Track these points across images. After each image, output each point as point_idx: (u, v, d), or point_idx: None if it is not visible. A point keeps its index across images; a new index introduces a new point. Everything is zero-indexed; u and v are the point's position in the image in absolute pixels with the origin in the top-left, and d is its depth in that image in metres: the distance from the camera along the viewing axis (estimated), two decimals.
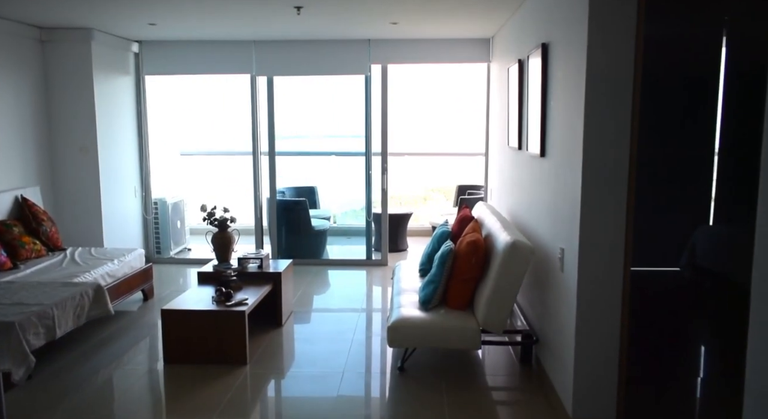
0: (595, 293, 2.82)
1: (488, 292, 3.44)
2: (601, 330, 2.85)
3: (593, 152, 2.72)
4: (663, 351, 4.00)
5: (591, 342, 2.86)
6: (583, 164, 2.73)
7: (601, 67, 2.67)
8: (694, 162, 5.73)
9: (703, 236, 5.37)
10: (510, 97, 4.67)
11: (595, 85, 2.68)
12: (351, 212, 8.71)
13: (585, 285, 2.82)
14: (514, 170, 4.59)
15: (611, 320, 2.83)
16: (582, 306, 2.84)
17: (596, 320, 2.84)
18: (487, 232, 3.98)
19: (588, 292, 2.82)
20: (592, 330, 2.85)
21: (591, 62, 2.67)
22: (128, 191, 6.27)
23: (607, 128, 2.70)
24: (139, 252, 5.15)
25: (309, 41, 6.20)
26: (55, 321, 3.62)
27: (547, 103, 3.48)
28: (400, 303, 3.83)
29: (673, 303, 5.06)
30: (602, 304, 2.83)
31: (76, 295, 3.86)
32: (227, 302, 3.89)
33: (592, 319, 2.84)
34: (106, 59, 5.79)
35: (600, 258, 2.79)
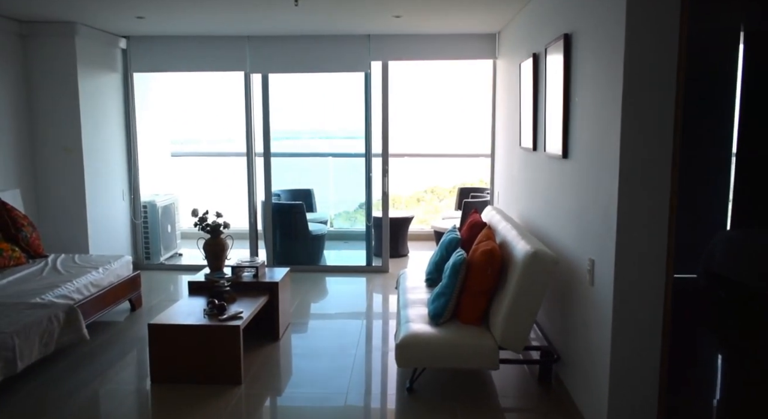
0: (633, 309, 2.53)
1: (506, 307, 3.15)
2: (639, 349, 2.56)
3: (632, 151, 2.43)
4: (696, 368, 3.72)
5: (629, 361, 2.57)
6: (620, 166, 2.44)
7: (641, 60, 2.38)
8: (712, 164, 5.46)
9: (721, 242, 5.10)
10: (522, 94, 4.39)
11: (635, 79, 2.39)
12: (344, 214, 8.40)
13: (621, 301, 2.53)
14: (528, 172, 4.30)
15: (651, 338, 2.54)
16: (618, 323, 2.54)
17: (634, 338, 2.55)
18: (501, 239, 3.69)
19: (625, 308, 2.53)
20: (629, 349, 2.56)
21: (630, 54, 2.38)
22: (116, 194, 5.94)
23: (647, 126, 2.41)
24: (125, 259, 4.82)
25: (306, 37, 5.90)
26: (16, 351, 3.12)
27: (570, 100, 3.19)
28: (408, 318, 3.52)
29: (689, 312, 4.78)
30: (641, 321, 2.54)
31: (42, 319, 3.37)
32: (220, 316, 3.57)
33: (629, 337, 2.55)
34: (91, 55, 5.46)
35: (639, 271, 2.50)
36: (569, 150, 3.21)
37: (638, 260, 2.49)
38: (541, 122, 3.83)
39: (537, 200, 4.01)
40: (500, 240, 3.70)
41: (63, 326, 3.51)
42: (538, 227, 3.94)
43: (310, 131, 8.27)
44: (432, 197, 10.35)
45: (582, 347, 2.98)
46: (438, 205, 10.14)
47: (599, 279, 2.71)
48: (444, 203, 10.17)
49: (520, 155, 4.61)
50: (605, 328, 2.62)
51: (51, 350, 3.43)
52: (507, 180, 5.29)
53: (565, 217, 3.28)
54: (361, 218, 8.44)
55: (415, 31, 5.76)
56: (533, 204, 4.14)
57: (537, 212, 4.01)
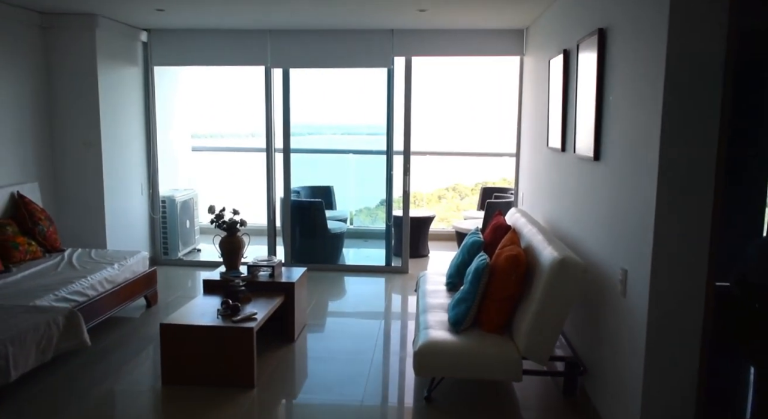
0: (669, 323, 2.36)
1: (532, 316, 2.99)
2: (676, 365, 2.39)
3: (672, 154, 2.26)
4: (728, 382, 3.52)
5: (664, 378, 2.40)
6: (659, 169, 2.27)
7: (685, 56, 2.21)
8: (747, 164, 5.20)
9: (756, 249, 4.86)
10: (551, 93, 4.21)
11: (678, 76, 2.22)
12: (365, 211, 8.27)
13: (657, 314, 2.36)
14: (555, 174, 4.12)
15: (689, 353, 2.37)
16: (653, 338, 2.38)
17: (670, 353, 2.38)
18: (526, 244, 3.53)
19: (661, 322, 2.36)
20: (665, 365, 2.39)
21: (673, 50, 2.21)
22: (134, 189, 5.89)
23: (690, 127, 2.24)
24: (142, 255, 4.76)
25: (328, 31, 5.77)
26: (10, 359, 2.94)
27: (603, 99, 3.01)
28: (428, 323, 3.38)
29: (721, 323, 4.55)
30: (678, 336, 2.37)
31: (40, 325, 3.18)
32: (234, 318, 3.47)
33: (665, 352, 2.38)
34: (111, 48, 5.41)
35: (677, 283, 2.33)
36: (601, 152, 3.03)
37: (676, 271, 2.32)
38: (571, 122, 3.65)
39: (564, 204, 3.83)
40: (525, 244, 3.54)
41: (63, 331, 3.32)
42: (565, 231, 3.77)
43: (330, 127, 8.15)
44: (453, 194, 10.17)
45: (612, 360, 2.81)
46: (459, 203, 9.96)
47: (633, 290, 2.54)
48: (466, 201, 9.99)
49: (547, 156, 4.43)
50: (638, 342, 2.45)
51: (49, 357, 3.25)
52: (532, 181, 5.11)
53: (595, 223, 3.11)
54: (383, 215, 8.31)
55: (440, 26, 5.60)
56: (560, 207, 3.96)
57: (564, 216, 3.84)
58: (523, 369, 3.05)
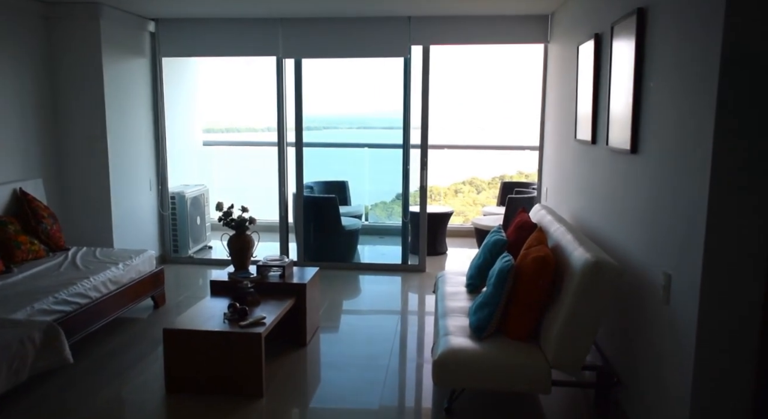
0: (722, 334, 2.10)
1: (561, 323, 2.74)
2: (729, 380, 2.13)
3: (728, 148, 1.99)
4: None
5: (715, 394, 2.14)
6: (712, 165, 2.00)
7: (744, 38, 1.93)
8: None
9: None
10: (580, 81, 3.93)
11: (735, 61, 1.95)
12: (381, 205, 8.04)
13: (708, 325, 2.10)
14: (584, 168, 3.85)
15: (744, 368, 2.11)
16: (704, 349, 2.12)
17: (723, 368, 2.12)
18: (554, 244, 3.27)
19: (713, 334, 2.10)
20: (717, 380, 2.13)
21: (730, 32, 1.93)
22: (142, 185, 5.72)
23: (749, 117, 1.97)
24: (149, 254, 4.57)
25: (341, 19, 5.53)
26: None
27: (642, 86, 2.74)
28: (448, 329, 3.15)
29: None
30: (731, 348, 2.10)
31: (12, 342, 2.83)
32: (241, 322, 3.26)
33: (717, 366, 2.12)
34: (117, 39, 5.21)
35: (732, 291, 2.07)
36: (639, 144, 2.76)
37: (732, 279, 2.06)
38: (603, 112, 3.38)
39: (595, 200, 3.56)
40: (552, 244, 3.28)
41: (40, 348, 2.96)
42: (595, 230, 3.50)
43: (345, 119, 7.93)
44: (470, 188, 9.92)
45: (652, 372, 2.55)
46: (476, 197, 9.71)
47: (678, 298, 2.28)
48: (482, 195, 9.73)
49: (574, 149, 4.15)
50: (686, 355, 2.19)
51: (24, 378, 2.90)
52: (557, 176, 4.84)
53: (632, 221, 2.85)
54: (398, 210, 8.07)
55: (459, 13, 5.33)
56: (590, 204, 3.69)
57: (594, 214, 3.57)
58: (553, 380, 2.80)
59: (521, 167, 9.64)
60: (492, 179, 9.85)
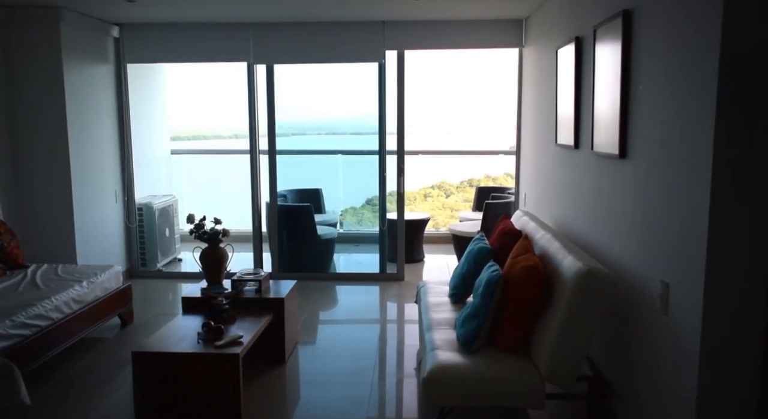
0: (727, 345, 2.02)
1: (555, 335, 2.64)
2: (735, 391, 2.05)
3: (731, 152, 1.92)
4: None
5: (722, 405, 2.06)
6: (714, 169, 1.93)
7: (745, 36, 1.87)
8: None
9: None
10: (560, 85, 3.87)
11: (736, 61, 1.88)
12: (351, 210, 7.90)
13: (712, 335, 2.02)
14: (567, 173, 3.79)
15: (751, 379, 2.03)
16: (707, 361, 2.03)
17: (728, 379, 2.04)
18: (541, 252, 3.18)
19: (717, 344, 2.02)
20: (722, 392, 2.05)
21: (730, 29, 1.86)
22: (107, 197, 5.46)
23: (752, 120, 1.90)
24: (115, 270, 4.34)
25: (314, 23, 5.39)
26: None
27: (629, 89, 2.67)
28: (435, 344, 3.02)
29: None
30: (738, 360, 2.03)
31: None
32: (217, 342, 3.08)
33: (722, 378, 2.04)
34: (79, 44, 4.97)
35: (736, 300, 1.99)
36: (628, 149, 2.69)
37: (736, 287, 1.98)
38: (586, 117, 3.31)
39: (580, 206, 3.49)
40: (539, 252, 3.19)
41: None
42: (582, 237, 3.43)
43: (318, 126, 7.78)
44: (439, 192, 9.92)
45: (650, 383, 2.47)
46: (445, 200, 9.71)
47: (677, 307, 2.20)
48: (451, 198, 9.73)
49: (555, 154, 4.09)
50: (688, 366, 2.11)
51: None
52: (537, 181, 4.78)
53: (623, 228, 2.77)
54: (369, 215, 7.95)
55: (434, 18, 5.25)
56: (574, 210, 3.62)
57: (579, 220, 3.50)
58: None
59: (488, 170, 9.67)
60: (460, 183, 9.89)
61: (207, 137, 9.73)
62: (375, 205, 7.93)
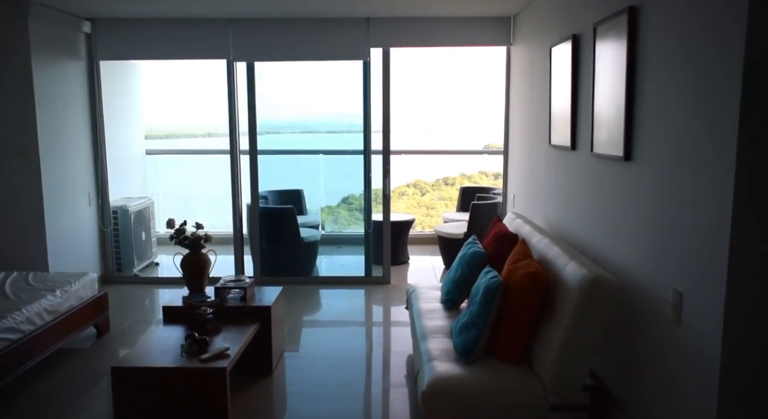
0: (750, 358, 1.93)
1: (559, 345, 2.54)
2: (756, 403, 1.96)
3: (756, 154, 1.82)
4: None
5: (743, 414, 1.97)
6: (737, 172, 1.83)
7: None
8: None
9: None
10: (554, 84, 3.77)
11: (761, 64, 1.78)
12: (326, 209, 7.74)
13: (733, 347, 1.93)
14: (563, 174, 3.69)
15: None
16: (729, 375, 1.94)
17: (751, 394, 1.95)
18: (539, 257, 3.08)
19: (740, 358, 1.93)
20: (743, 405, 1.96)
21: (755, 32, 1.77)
22: (80, 200, 5.21)
23: None
24: (89, 278, 4.12)
25: (297, 19, 5.22)
26: None
27: (635, 89, 2.58)
28: (431, 354, 2.90)
29: None
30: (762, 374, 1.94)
31: None
32: (201, 355, 2.91)
33: (743, 390, 1.95)
34: (48, 40, 4.72)
35: (759, 307, 1.90)
36: (633, 150, 2.60)
37: (760, 296, 1.89)
38: (585, 117, 3.22)
39: (578, 209, 3.40)
40: (537, 257, 3.09)
41: None
42: (580, 241, 3.33)
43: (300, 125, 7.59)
44: (414, 190, 9.86)
45: (661, 395, 2.38)
46: (421, 199, 9.66)
47: (693, 317, 2.11)
48: (426, 197, 9.68)
49: (549, 154, 4.00)
50: (705, 378, 2.02)
51: None
52: (527, 182, 4.68)
53: (629, 234, 2.68)
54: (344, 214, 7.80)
55: (419, 14, 5.12)
56: (570, 213, 3.53)
57: (577, 224, 3.40)
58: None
59: (463, 168, 9.62)
60: (435, 181, 9.81)
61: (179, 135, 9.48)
62: (351, 203, 7.79)
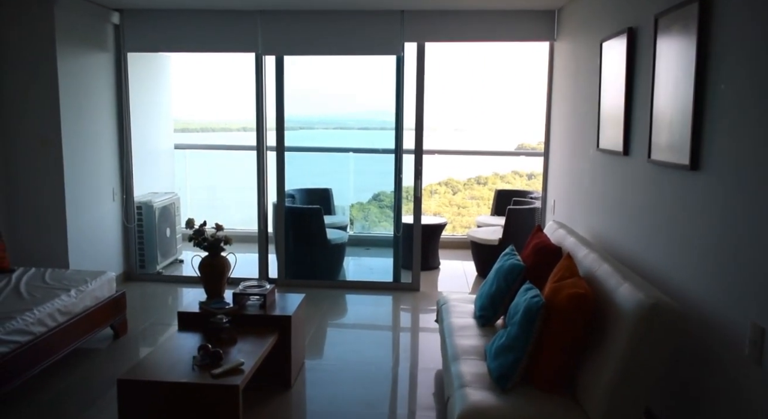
0: None
1: (613, 377, 2.24)
2: None
3: None
4: None
5: None
6: None
7: None
8: None
9: None
10: (605, 82, 3.46)
11: None
12: (357, 206, 7.52)
13: None
14: (613, 182, 3.37)
15: None
16: None
17: None
18: (586, 274, 2.78)
19: None
20: None
21: None
22: (104, 194, 5.09)
23: None
24: (107, 277, 3.97)
25: (328, 12, 4.99)
26: None
27: (705, 89, 2.26)
28: (464, 379, 2.63)
29: None
30: None
31: None
32: (214, 370, 2.70)
33: None
34: (75, 30, 4.59)
35: None
36: (703, 159, 2.28)
37: None
38: (641, 119, 2.90)
39: (629, 222, 3.08)
40: (584, 274, 2.79)
41: None
42: (631, 258, 3.01)
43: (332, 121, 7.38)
44: (446, 189, 9.64)
45: None
46: (452, 197, 9.44)
47: None
48: (458, 196, 9.45)
49: (596, 159, 3.68)
50: None
51: None
52: (570, 188, 4.36)
53: (691, 253, 2.36)
54: (375, 211, 7.57)
55: (456, 7, 4.84)
56: (621, 226, 3.21)
57: (630, 238, 3.08)
58: None
59: (496, 168, 9.39)
60: (467, 180, 9.67)
61: (215, 129, 9.43)
62: (382, 200, 7.55)
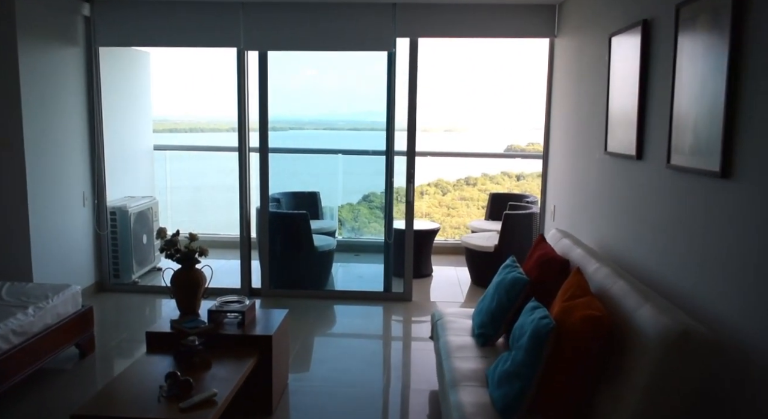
0: None
1: (634, 412, 1.96)
2: None
3: None
4: None
5: None
6: None
7: None
8: None
9: None
10: (614, 80, 3.19)
11: None
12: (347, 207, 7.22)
13: None
14: (624, 189, 3.10)
15: None
16: None
17: None
18: (598, 291, 2.51)
19: None
20: None
21: None
22: (73, 200, 4.75)
23: None
24: (72, 291, 3.64)
25: (315, 4, 4.69)
26: None
27: (738, 89, 1.99)
28: (464, 411, 2.34)
29: None
30: None
31: None
32: (182, 403, 2.39)
33: None
34: (39, 23, 4.26)
35: None
36: (735, 165, 2.01)
37: None
38: (658, 120, 2.63)
39: (646, 233, 2.80)
40: (595, 291, 2.52)
41: None
42: (649, 273, 2.73)
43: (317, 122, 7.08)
44: (435, 190, 9.45)
45: None
46: (442, 198, 9.26)
47: None
48: (448, 196, 9.26)
49: (604, 163, 3.40)
50: None
51: None
52: (573, 193, 4.09)
53: (722, 269, 2.09)
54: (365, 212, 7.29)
55: (452, 1, 4.56)
56: (637, 237, 2.94)
57: (646, 251, 2.80)
58: None
59: (485, 169, 9.31)
60: (457, 181, 9.53)
61: (204, 130, 9.11)
62: (372, 201, 7.27)
